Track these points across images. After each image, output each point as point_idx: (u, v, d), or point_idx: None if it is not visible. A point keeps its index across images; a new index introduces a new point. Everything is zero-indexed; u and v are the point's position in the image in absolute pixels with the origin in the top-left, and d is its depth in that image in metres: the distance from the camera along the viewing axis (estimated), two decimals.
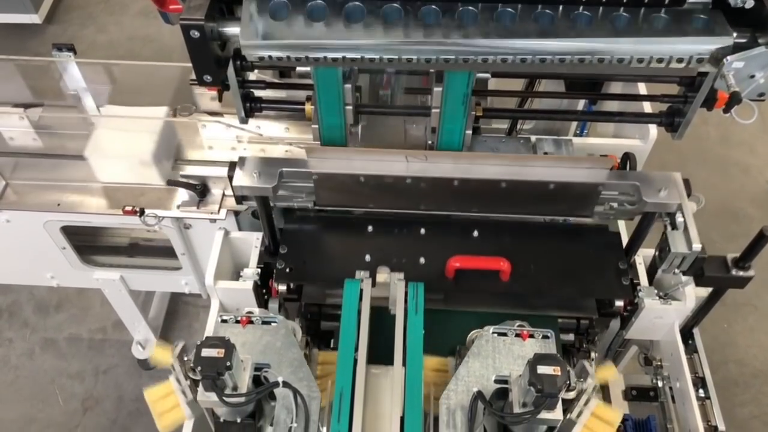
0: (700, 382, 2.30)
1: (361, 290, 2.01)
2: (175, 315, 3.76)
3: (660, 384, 2.42)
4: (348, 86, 1.93)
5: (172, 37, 5.34)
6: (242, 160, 2.15)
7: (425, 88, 2.11)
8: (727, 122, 4.82)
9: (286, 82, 2.58)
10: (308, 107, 2.13)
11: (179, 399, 1.80)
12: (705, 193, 2.30)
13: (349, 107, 2.01)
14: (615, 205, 2.27)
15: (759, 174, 4.51)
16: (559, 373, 1.56)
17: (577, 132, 3.03)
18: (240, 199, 2.28)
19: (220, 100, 2.10)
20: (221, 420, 1.79)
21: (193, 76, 2.09)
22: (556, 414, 1.64)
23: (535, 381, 1.56)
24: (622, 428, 2.26)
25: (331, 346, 2.30)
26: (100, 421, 3.45)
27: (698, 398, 2.23)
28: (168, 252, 2.90)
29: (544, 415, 1.63)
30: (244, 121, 2.18)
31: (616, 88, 2.72)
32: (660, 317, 2.32)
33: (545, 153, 2.55)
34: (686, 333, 2.40)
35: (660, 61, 1.63)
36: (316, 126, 2.10)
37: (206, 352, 1.59)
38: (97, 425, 3.44)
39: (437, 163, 2.14)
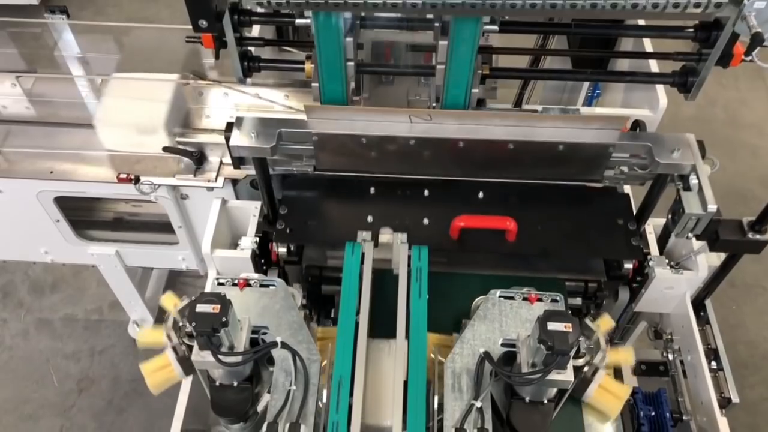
0: (712, 354, 2.23)
1: (363, 253, 1.94)
2: None
3: (671, 357, 2.34)
4: (349, 39, 1.86)
5: (171, 19, 5.29)
6: (239, 120, 2.07)
7: (429, 44, 2.03)
8: (735, 104, 4.76)
9: (285, 40, 2.50)
10: (308, 66, 2.06)
11: (172, 363, 1.73)
12: (713, 175, 2.23)
13: (351, 63, 1.93)
14: (625, 169, 2.20)
15: (767, 156, 4.44)
16: (571, 330, 1.49)
17: (589, 95, 2.96)
18: (237, 162, 2.20)
19: (216, 57, 2.02)
20: (217, 383, 1.71)
21: (190, 34, 2.04)
22: (567, 375, 1.57)
23: (545, 338, 1.48)
24: (631, 401, 2.19)
25: (332, 315, 2.24)
26: (96, 402, 3.39)
27: (711, 370, 2.16)
28: (165, 227, 2.84)
29: (554, 376, 1.56)
30: (242, 80, 2.11)
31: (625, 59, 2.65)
32: (671, 288, 2.25)
33: None
34: (698, 305, 2.33)
35: (676, 6, 1.56)
36: (317, 84, 2.02)
37: (201, 308, 1.51)
38: (92, 406, 3.38)
39: (441, 123, 2.07)
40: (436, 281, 1.97)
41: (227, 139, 2.05)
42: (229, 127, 2.06)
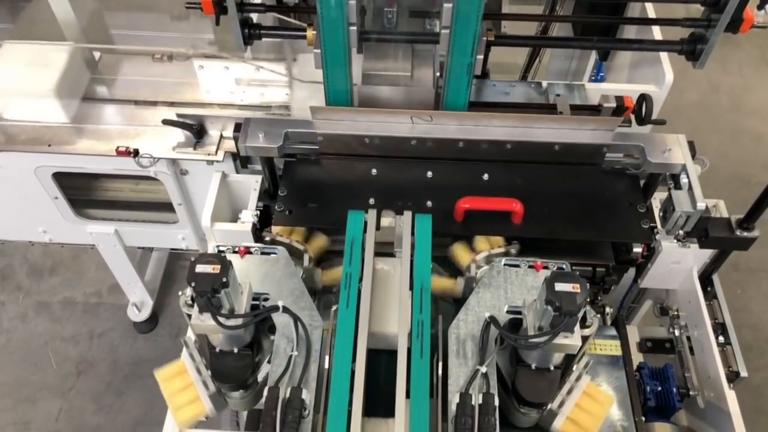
0: (720, 329, 2.20)
1: (366, 222, 1.91)
2: (173, 278, 3.66)
3: (677, 333, 2.31)
4: (352, 2, 1.82)
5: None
6: (247, 121, 2.13)
7: (433, 12, 2.00)
8: (739, 90, 4.73)
9: (286, 6, 2.46)
10: (310, 33, 2.03)
11: (197, 388, 1.68)
12: (716, 160, 2.23)
13: (353, 29, 1.90)
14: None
15: None
16: (579, 291, 1.45)
17: (592, 79, 2.93)
18: (244, 161, 2.26)
19: (217, 23, 1.99)
20: (217, 350, 1.68)
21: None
22: (574, 339, 1.53)
23: (553, 298, 1.45)
24: (638, 376, 2.16)
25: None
26: (95, 385, 3.35)
27: (719, 344, 2.12)
28: (164, 206, 2.81)
29: (561, 340, 1.52)
30: (242, 48, 2.08)
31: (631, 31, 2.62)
32: (678, 262, 2.22)
33: (557, 95, 2.48)
34: (704, 280, 2.30)
35: None
36: (318, 51, 1.99)
37: (201, 268, 1.48)
38: (91, 388, 3.34)
39: (442, 124, 2.11)
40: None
41: (236, 139, 2.13)
42: (238, 127, 2.14)
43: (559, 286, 1.46)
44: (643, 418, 1.88)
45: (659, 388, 2.16)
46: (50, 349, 3.48)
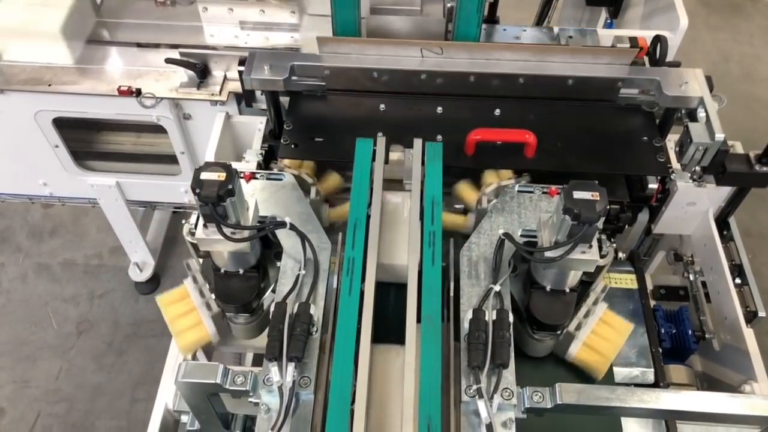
0: (736, 270, 2.14)
1: (374, 150, 1.85)
2: (175, 240, 3.60)
3: (692, 278, 2.25)
4: None
5: None
6: (252, 54, 2.08)
7: None
8: (749, 60, 4.67)
9: None
10: None
11: (200, 312, 1.64)
12: (726, 129, 2.18)
13: None
14: None
15: None
16: (599, 198, 1.40)
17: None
18: (249, 98, 2.20)
19: None
20: (222, 271, 1.62)
21: None
22: (592, 254, 1.47)
23: (571, 206, 1.39)
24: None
25: None
26: (95, 344, 3.31)
27: (735, 285, 2.07)
28: (167, 158, 2.76)
29: (577, 255, 1.46)
30: None
31: None
32: (693, 203, 2.16)
33: (570, 37, 2.43)
34: (720, 223, 2.24)
35: None
36: None
37: (206, 175, 1.42)
38: (92, 348, 3.29)
39: (452, 58, 2.07)
40: None
41: (240, 73, 2.05)
42: (243, 62, 2.07)
43: (578, 194, 1.40)
44: (660, 349, 1.83)
45: (674, 331, 2.11)
46: (50, 310, 3.43)
